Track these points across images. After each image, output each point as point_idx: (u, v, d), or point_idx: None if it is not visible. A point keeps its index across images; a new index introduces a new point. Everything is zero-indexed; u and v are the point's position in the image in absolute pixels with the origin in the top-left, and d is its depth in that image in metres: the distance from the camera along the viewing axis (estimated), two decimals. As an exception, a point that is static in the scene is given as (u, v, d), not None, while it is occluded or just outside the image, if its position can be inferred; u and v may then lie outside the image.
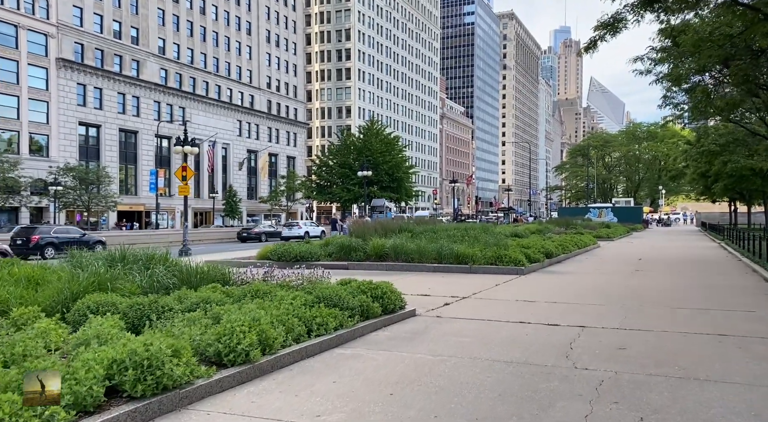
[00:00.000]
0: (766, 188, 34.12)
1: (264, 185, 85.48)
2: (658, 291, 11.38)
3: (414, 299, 10.00)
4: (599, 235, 35.54)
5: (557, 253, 19.27)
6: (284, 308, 6.31)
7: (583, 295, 10.94)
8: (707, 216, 69.63)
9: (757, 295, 10.68)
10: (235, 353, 4.98)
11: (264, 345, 5.32)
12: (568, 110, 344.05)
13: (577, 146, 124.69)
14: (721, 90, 17.80)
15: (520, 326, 7.69)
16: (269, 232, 42.86)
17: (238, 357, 4.99)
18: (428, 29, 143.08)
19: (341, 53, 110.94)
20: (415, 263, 15.91)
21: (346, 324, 6.69)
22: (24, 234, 25.88)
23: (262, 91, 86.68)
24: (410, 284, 12.70)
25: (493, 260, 15.44)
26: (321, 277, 8.66)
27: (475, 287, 12.05)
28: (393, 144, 70.16)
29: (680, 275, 14.45)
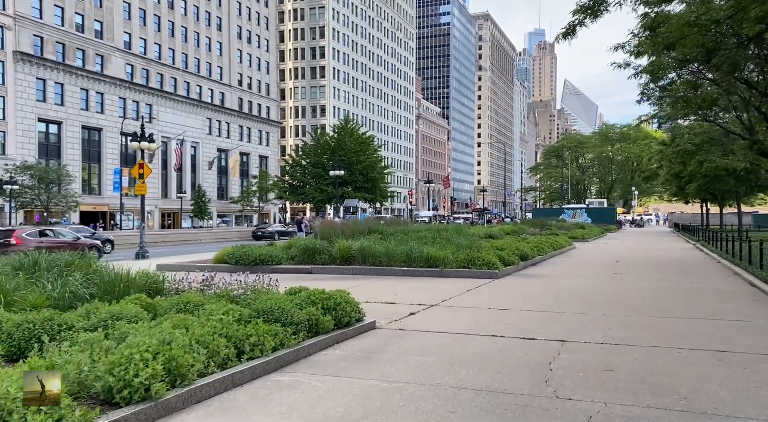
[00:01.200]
0: (739, 189, 34.13)
1: (235, 185, 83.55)
2: (641, 297, 10.60)
3: (377, 309, 9.01)
4: (574, 236, 35.12)
5: (532, 255, 18.50)
6: (211, 325, 5.24)
7: (561, 301, 10.09)
8: (679, 217, 70.34)
9: (747, 301, 9.97)
10: (131, 388, 3.91)
11: (174, 376, 4.25)
12: (542, 112, 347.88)
13: (552, 147, 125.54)
14: (702, 86, 17.29)
15: (492, 340, 6.75)
16: (281, 231, 45.03)
17: (135, 392, 3.91)
18: (404, 28, 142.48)
19: (315, 51, 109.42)
20: (383, 266, 14.92)
21: (288, 342, 5.64)
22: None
23: (233, 88, 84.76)
24: (376, 290, 11.71)
25: (466, 263, 14.56)
26: (268, 285, 7.59)
27: (446, 292, 11.12)
28: (367, 144, 69.14)
29: (662, 279, 13.76)
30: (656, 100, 18.93)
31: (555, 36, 12.20)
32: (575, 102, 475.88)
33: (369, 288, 11.89)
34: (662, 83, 18.04)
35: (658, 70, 14.34)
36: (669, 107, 18.03)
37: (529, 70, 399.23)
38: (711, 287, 12.04)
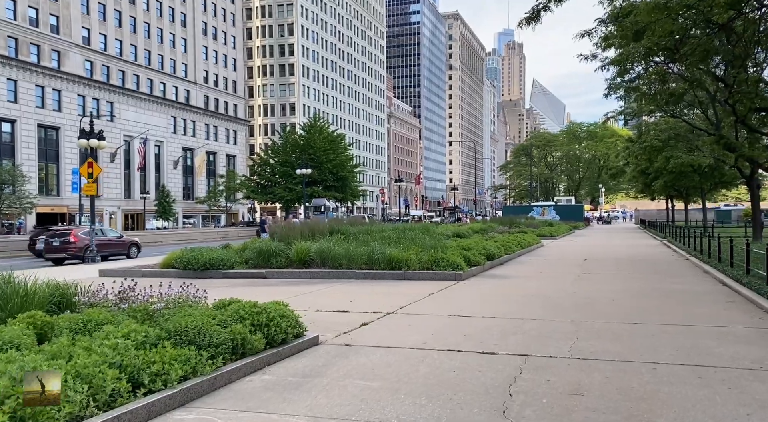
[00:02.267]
0: (704, 185, 34.37)
1: (202, 185, 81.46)
2: (611, 300, 9.99)
3: (327, 319, 8.16)
4: (542, 234, 34.86)
5: (499, 254, 17.90)
6: (102, 352, 4.31)
7: (526, 306, 9.40)
8: (645, 214, 71.27)
9: (721, 303, 9.44)
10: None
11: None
12: (512, 111, 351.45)
13: (521, 146, 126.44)
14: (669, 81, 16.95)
15: (448, 357, 5.97)
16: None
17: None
18: (374, 27, 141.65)
19: (284, 49, 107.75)
20: (343, 269, 14.07)
21: (203, 369, 4.74)
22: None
23: (198, 86, 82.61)
24: (331, 296, 10.85)
25: (430, 264, 13.81)
26: (195, 296, 6.66)
27: (406, 297, 10.34)
28: (337, 142, 68.13)
29: (631, 279, 13.25)
30: (623, 94, 18.54)
31: (519, 21, 11.54)
32: (544, 101, 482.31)
33: (323, 295, 11.03)
34: (629, 77, 17.65)
35: (625, 60, 13.85)
36: (635, 102, 17.63)
37: (499, 70, 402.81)
38: (683, 287, 11.54)
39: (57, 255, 22.72)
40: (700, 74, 16.43)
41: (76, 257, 22.43)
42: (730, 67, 13.95)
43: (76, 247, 22.53)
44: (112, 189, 67.47)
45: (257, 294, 11.12)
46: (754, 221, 23.80)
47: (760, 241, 22.43)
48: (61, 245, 22.75)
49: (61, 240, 22.92)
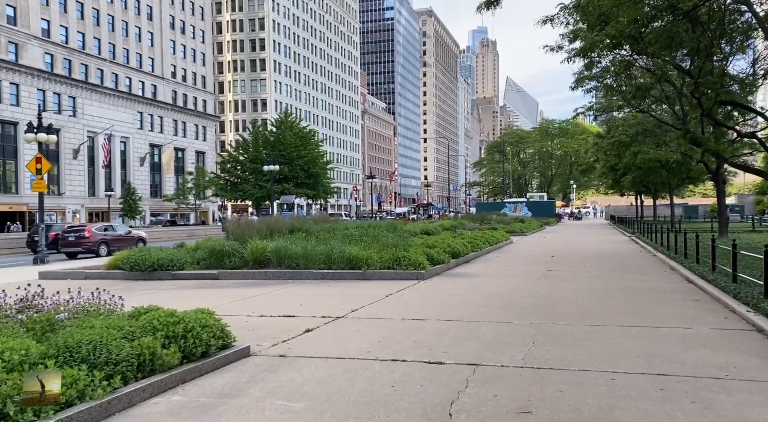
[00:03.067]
0: (672, 181, 34.61)
1: (170, 183, 79.56)
2: (573, 299, 9.56)
3: (269, 325, 7.52)
4: (513, 230, 34.67)
5: (465, 252, 17.44)
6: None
7: (485, 307, 8.90)
8: (615, 210, 72.09)
9: (686, 301, 9.08)
10: None
11: None
12: (486, 108, 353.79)
13: (494, 143, 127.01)
14: (635, 76, 16.73)
15: (390, 369, 5.39)
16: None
17: None
18: (347, 22, 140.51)
19: (255, 43, 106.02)
20: (300, 269, 13.41)
21: (94, 392, 4.06)
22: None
23: (166, 80, 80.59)
24: (281, 299, 10.19)
25: (391, 263, 13.25)
26: (107, 303, 5.94)
27: (362, 299, 9.75)
28: (308, 138, 67.00)
29: (596, 277, 12.90)
30: (591, 88, 18.24)
31: (478, 5, 11.01)
32: (517, 99, 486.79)
33: (274, 297, 10.37)
34: (596, 70, 17.36)
35: (590, 51, 13.46)
36: (604, 96, 17.33)
37: (473, 68, 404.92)
38: (648, 285, 11.20)
39: (72, 249, 24.87)
40: (665, 66, 16.21)
41: (90, 250, 24.49)
42: (695, 57, 13.73)
43: (90, 242, 24.88)
44: (76, 187, 65.37)
45: (204, 297, 10.42)
46: (720, 216, 23.89)
47: (726, 236, 22.51)
48: (76, 239, 25.06)
49: (76, 235, 25.28)
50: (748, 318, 7.14)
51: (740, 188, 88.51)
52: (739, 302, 8.01)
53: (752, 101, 20.90)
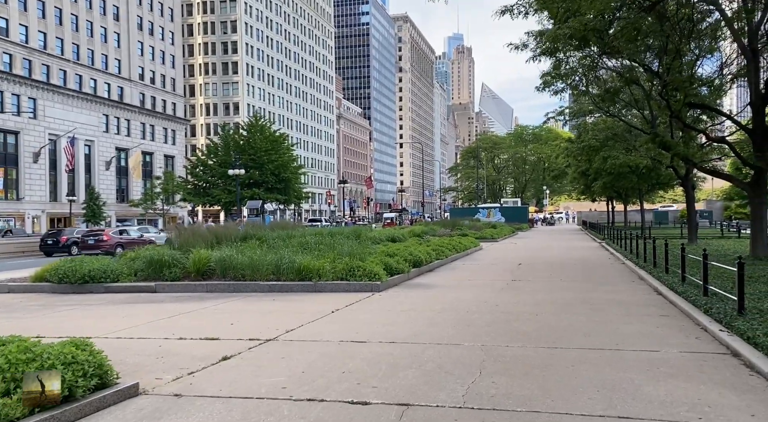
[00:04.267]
0: (642, 186, 34.45)
1: (138, 187, 77.29)
2: (534, 315, 8.76)
3: (182, 351, 6.51)
4: (484, 236, 34.07)
5: (429, 260, 16.62)
6: None
7: (437, 324, 8.03)
8: (587, 215, 72.37)
9: (654, 317, 8.34)
10: None
11: None
12: (461, 114, 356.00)
13: (469, 148, 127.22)
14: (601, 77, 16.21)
15: (302, 411, 4.46)
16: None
17: None
18: (322, 26, 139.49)
19: (227, 46, 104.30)
20: (246, 281, 12.38)
21: None
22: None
23: (133, 83, 78.45)
24: (214, 316, 9.18)
25: (344, 274, 12.31)
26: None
27: (303, 316, 8.80)
28: (279, 142, 65.72)
29: (561, 287, 12.16)
30: (559, 89, 17.62)
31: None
32: (492, 105, 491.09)
33: (207, 314, 9.34)
34: (564, 70, 16.75)
35: (556, 47, 12.79)
36: (570, 95, 16.77)
37: (449, 74, 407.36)
38: (614, 297, 10.48)
39: (91, 252, 26.08)
40: (634, 68, 15.68)
41: (108, 252, 25.49)
42: (664, 57, 13.19)
43: (108, 244, 27.81)
44: (36, 191, 62.94)
45: (127, 315, 9.34)
46: (689, 222, 23.58)
47: (696, 243, 22.17)
48: (95, 242, 28.35)
49: (96, 239, 28.84)
50: (722, 339, 6.40)
51: (708, 193, 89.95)
52: (711, 319, 7.29)
53: (720, 104, 20.59)
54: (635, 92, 20.56)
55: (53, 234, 32.49)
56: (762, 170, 14.15)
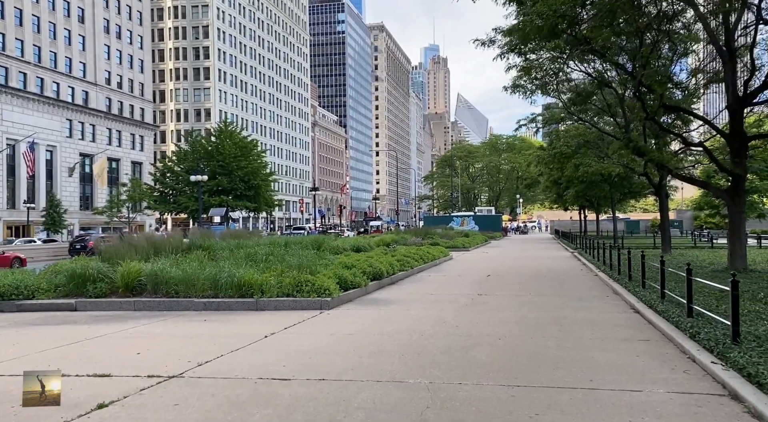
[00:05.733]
0: (614, 195, 33.95)
1: (103, 195, 74.60)
2: (498, 339, 7.61)
3: (66, 390, 5.14)
4: (455, 245, 33.09)
5: (391, 272, 15.42)
6: None
7: (383, 352, 6.81)
8: (560, 224, 72.20)
9: (632, 342, 7.26)
10: None
11: None
12: (437, 124, 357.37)
13: (444, 157, 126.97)
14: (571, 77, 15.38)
15: None
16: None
17: None
18: (297, 34, 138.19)
19: (199, 51, 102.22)
20: (180, 297, 11.00)
21: None
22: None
23: (99, 87, 75.95)
24: (128, 341, 7.82)
25: (291, 289, 11.02)
26: None
27: (231, 341, 7.52)
28: (249, 148, 63.93)
29: (530, 303, 11.07)
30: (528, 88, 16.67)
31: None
32: (468, 115, 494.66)
33: (117, 340, 7.96)
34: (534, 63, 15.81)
35: (525, 39, 11.78)
36: (541, 96, 15.90)
37: (425, 84, 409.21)
38: (587, 315, 9.41)
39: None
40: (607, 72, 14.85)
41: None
42: (640, 49, 12.32)
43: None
44: (-7, 198, 60.14)
45: (26, 340, 7.92)
46: (663, 232, 22.89)
47: (670, 253, 21.46)
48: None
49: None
50: (716, 374, 5.32)
51: (678, 203, 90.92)
52: (699, 347, 6.22)
53: (697, 110, 19.97)
54: (608, 97, 19.83)
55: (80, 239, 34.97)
56: (741, 177, 13.38)
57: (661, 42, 12.68)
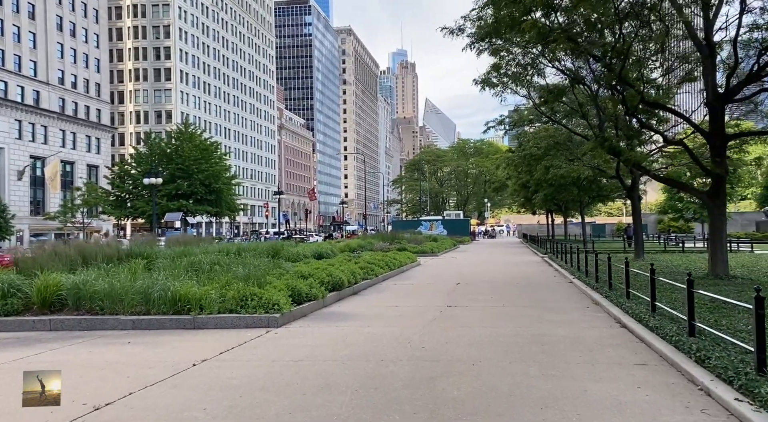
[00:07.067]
0: (583, 198, 33.51)
1: (56, 199, 71.00)
2: (470, 364, 6.45)
3: None
4: (423, 250, 32.07)
5: (354, 281, 14.16)
6: None
7: (331, 387, 5.56)
8: (527, 228, 72.16)
9: (627, 366, 6.17)
10: None
11: None
12: (405, 128, 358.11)
13: (412, 161, 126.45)
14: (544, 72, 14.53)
15: None
16: None
17: None
18: (262, 35, 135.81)
19: (160, 52, 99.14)
20: (105, 315, 9.51)
21: None
22: None
23: (51, 87, 72.42)
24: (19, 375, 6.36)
25: (235, 304, 9.66)
26: None
27: (149, 373, 6.15)
28: (210, 151, 61.79)
29: (505, 316, 9.98)
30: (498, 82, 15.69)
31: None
32: (436, 120, 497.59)
33: (1, 374, 6.48)
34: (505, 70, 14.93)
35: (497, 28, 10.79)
36: (512, 83, 14.90)
37: (393, 88, 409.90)
38: (571, 332, 8.34)
39: None
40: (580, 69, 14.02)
41: None
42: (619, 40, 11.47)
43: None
44: (-70, 203, 56.27)
45: None
46: (636, 236, 22.30)
47: (643, 258, 20.85)
48: None
49: None
50: (744, 416, 4.25)
51: (642, 207, 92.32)
52: (712, 376, 5.17)
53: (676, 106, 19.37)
54: (579, 97, 19.08)
55: None
56: (722, 177, 12.66)
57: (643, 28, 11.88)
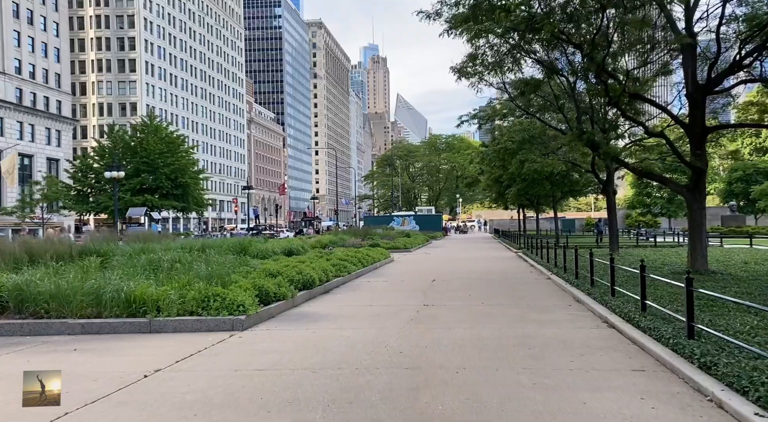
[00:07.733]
0: (556, 193, 33.46)
1: (14, 194, 68.15)
2: (453, 372, 5.87)
3: None
4: (396, 246, 31.55)
5: (325, 279, 13.49)
6: None
7: (298, 403, 4.91)
8: (499, 223, 72.46)
9: (624, 372, 5.70)
10: None
11: None
12: (377, 124, 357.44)
13: (384, 156, 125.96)
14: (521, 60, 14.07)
15: None
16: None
17: None
18: (231, 27, 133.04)
19: (124, 42, 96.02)
20: (51, 318, 8.64)
21: None
22: None
23: (8, 76, 69.38)
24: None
25: (196, 305, 8.90)
26: None
27: (94, 387, 5.42)
28: (177, 144, 59.92)
29: (485, 315, 9.47)
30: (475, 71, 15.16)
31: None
32: (407, 116, 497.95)
33: None
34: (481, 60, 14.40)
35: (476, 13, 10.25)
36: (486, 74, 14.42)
37: (365, 83, 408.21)
38: (557, 332, 7.86)
39: None
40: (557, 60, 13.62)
41: None
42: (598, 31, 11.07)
43: None
44: None
45: None
46: (611, 230, 22.20)
47: (618, 252, 20.73)
48: None
49: None
50: (768, 435, 3.79)
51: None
52: (722, 386, 4.72)
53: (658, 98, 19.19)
54: (556, 90, 18.76)
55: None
56: (702, 170, 12.44)
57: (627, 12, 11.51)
